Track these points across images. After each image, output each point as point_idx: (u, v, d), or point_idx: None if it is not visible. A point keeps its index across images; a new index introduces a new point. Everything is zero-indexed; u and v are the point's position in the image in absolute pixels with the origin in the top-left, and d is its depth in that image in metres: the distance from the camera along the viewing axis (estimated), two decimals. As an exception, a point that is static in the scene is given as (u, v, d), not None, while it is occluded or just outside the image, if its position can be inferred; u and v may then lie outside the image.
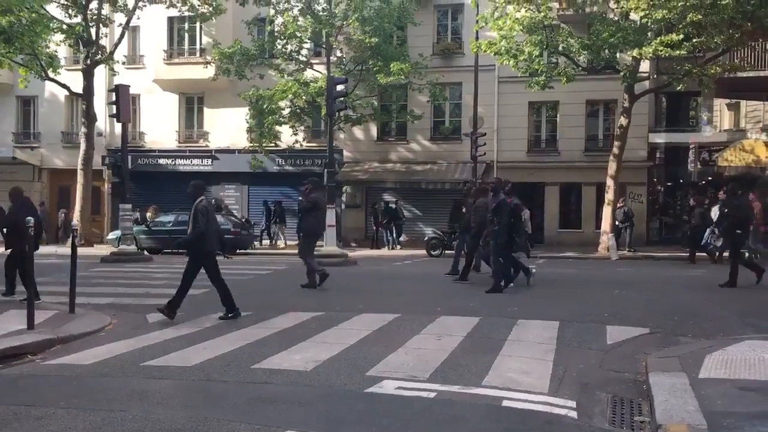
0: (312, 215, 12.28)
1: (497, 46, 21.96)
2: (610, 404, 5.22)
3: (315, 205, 12.24)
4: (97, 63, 25.72)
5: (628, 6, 20.35)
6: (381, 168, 27.88)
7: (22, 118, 31.89)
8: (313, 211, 12.27)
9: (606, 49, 21.83)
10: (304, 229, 12.40)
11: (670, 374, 5.61)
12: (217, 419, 4.59)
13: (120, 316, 9.17)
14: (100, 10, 25.41)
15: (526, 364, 6.30)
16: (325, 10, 25.99)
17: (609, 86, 24.69)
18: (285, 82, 25.67)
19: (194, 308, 9.80)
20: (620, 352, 7.03)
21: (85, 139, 25.82)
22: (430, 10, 27.98)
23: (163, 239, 23.90)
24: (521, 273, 12.81)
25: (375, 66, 25.20)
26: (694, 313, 9.43)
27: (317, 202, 12.34)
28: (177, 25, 29.37)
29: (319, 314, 9.09)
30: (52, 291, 10.57)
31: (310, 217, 12.29)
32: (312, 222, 12.34)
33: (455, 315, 9.06)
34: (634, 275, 15.45)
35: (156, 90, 29.84)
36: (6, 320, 8.41)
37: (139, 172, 28.47)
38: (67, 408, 4.85)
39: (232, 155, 29.23)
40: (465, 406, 5.03)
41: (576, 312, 9.43)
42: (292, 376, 5.84)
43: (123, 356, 6.68)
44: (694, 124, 27.24)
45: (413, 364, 6.24)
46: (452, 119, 28.39)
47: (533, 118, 27.75)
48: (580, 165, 26.26)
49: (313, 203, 12.20)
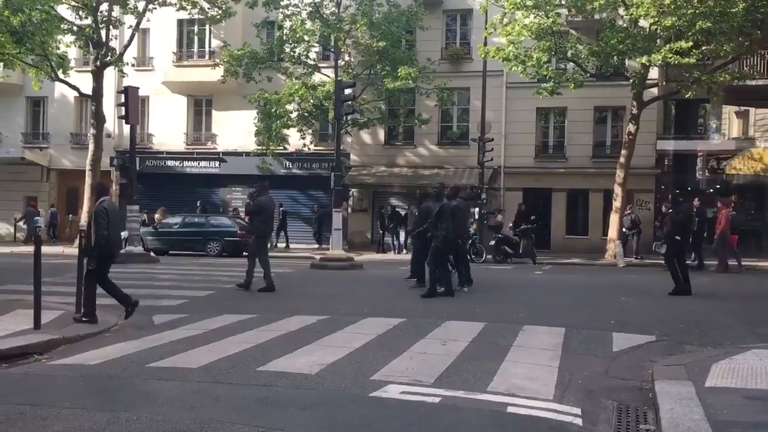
0: (260, 218, 12.59)
1: (505, 52, 21.98)
2: (615, 412, 5.19)
3: (261, 209, 12.53)
4: (106, 65, 25.83)
5: (638, 13, 20.32)
6: (388, 172, 27.89)
7: (32, 119, 32.05)
8: (260, 215, 12.57)
9: (615, 55, 21.81)
10: (258, 233, 12.71)
11: (676, 382, 5.59)
12: (222, 421, 4.59)
13: (126, 317, 9.18)
14: (111, 11, 25.52)
15: (532, 371, 6.29)
16: (334, 14, 26.06)
17: (617, 93, 24.64)
18: (292, 85, 25.73)
19: (199, 310, 9.83)
20: (626, 360, 7.00)
21: (94, 141, 25.92)
22: (439, 15, 28.00)
23: (169, 241, 24.00)
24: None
25: (383, 70, 25.23)
26: (700, 321, 9.39)
27: (263, 205, 12.59)
28: (186, 27, 29.48)
29: (325, 318, 9.10)
30: (59, 291, 10.61)
31: (258, 220, 12.61)
32: (261, 224, 12.64)
33: (461, 320, 9.04)
34: (640, 282, 15.39)
35: (165, 92, 29.95)
36: (12, 320, 8.44)
37: (146, 173, 28.59)
38: (72, 408, 4.86)
39: (239, 158, 29.30)
40: (470, 411, 5.02)
41: (582, 319, 9.41)
42: (297, 379, 5.84)
43: (128, 357, 6.69)
44: (703, 132, 27.16)
45: (418, 368, 6.23)
46: (460, 124, 28.38)
47: (541, 124, 27.72)
48: (587, 171, 26.21)
49: (260, 206, 12.50)
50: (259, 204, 12.52)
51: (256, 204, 12.55)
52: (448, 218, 11.78)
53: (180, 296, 11.43)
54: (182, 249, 23.69)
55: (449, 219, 11.79)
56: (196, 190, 29.35)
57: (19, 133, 31.58)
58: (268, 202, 12.90)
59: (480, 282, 13.75)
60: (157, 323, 8.93)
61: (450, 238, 11.86)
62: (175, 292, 12.02)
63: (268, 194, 12.99)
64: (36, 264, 8.07)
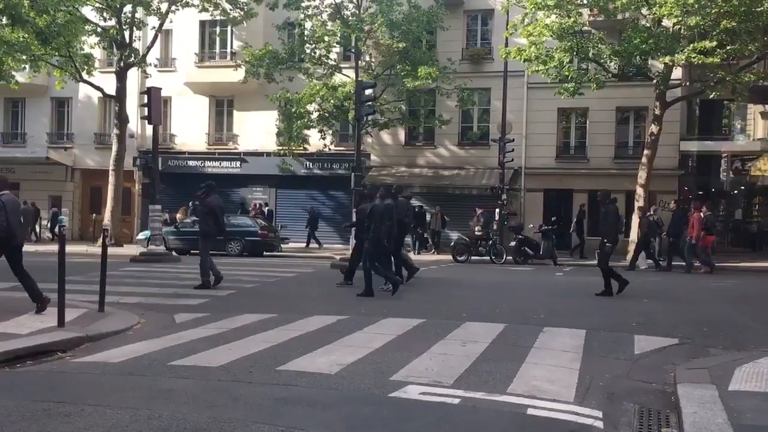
0: (210, 218, 12.74)
1: (527, 53, 21.87)
2: (637, 415, 5.14)
3: (211, 209, 12.70)
4: (130, 66, 26.12)
5: (661, 12, 20.13)
6: (408, 172, 27.89)
7: (56, 119, 32.49)
8: (210, 215, 12.72)
9: (637, 55, 21.62)
10: (203, 232, 12.94)
11: (700, 386, 5.52)
12: (242, 420, 4.61)
13: (148, 316, 9.26)
14: (134, 13, 25.81)
15: (552, 373, 6.24)
16: (354, 15, 26.10)
17: (640, 93, 24.43)
18: (313, 86, 25.81)
19: (220, 310, 9.89)
20: (648, 363, 6.93)
21: (117, 141, 26.21)
22: (460, 15, 27.94)
23: (191, 240, 24.16)
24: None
25: (403, 70, 25.23)
26: (724, 324, 9.28)
27: (213, 206, 12.75)
28: (209, 28, 29.72)
29: (344, 318, 9.11)
30: (83, 290, 10.73)
31: (208, 220, 12.76)
32: (211, 225, 12.77)
33: (480, 321, 9.01)
34: (663, 284, 15.25)
35: (187, 93, 30.20)
36: (37, 317, 8.56)
37: (168, 173, 28.84)
38: (95, 405, 4.91)
39: (260, 158, 29.46)
40: (489, 413, 5.00)
41: (603, 321, 9.33)
42: (317, 378, 5.85)
43: (150, 355, 6.75)
44: (727, 133, 26.83)
45: (438, 369, 6.22)
46: (480, 125, 28.31)
47: (562, 125, 27.55)
48: (609, 172, 25.98)
49: (209, 207, 12.69)
50: (209, 205, 12.73)
51: (206, 205, 12.75)
52: (375, 219, 11.87)
53: (201, 295, 11.52)
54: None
55: (376, 219, 11.86)
56: (217, 190, 29.45)
57: (44, 134, 32.01)
58: (218, 203, 13.11)
59: (500, 283, 13.71)
60: (178, 322, 8.99)
61: (375, 238, 11.88)
62: (196, 291, 12.11)
63: (216, 195, 13.22)
64: (60, 263, 8.17)
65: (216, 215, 12.82)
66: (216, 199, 13.06)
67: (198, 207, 13.12)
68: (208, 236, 12.98)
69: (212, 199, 12.89)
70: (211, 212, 12.70)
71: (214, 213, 12.73)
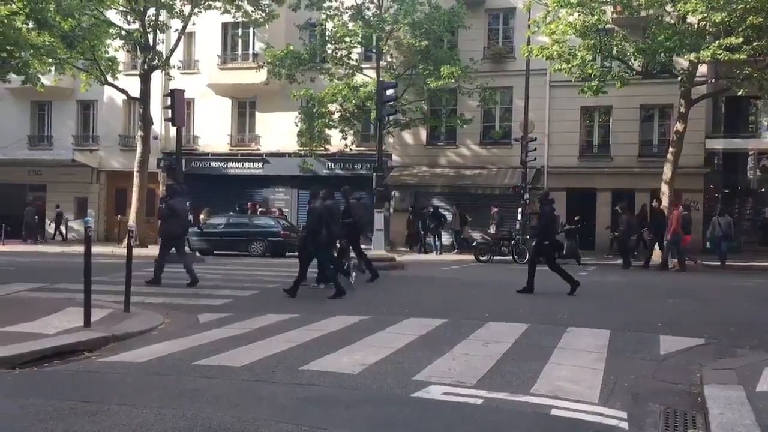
0: (173, 221, 12.94)
1: (549, 51, 21.72)
2: (662, 416, 5.08)
3: (174, 212, 12.91)
4: (153, 68, 26.36)
5: (686, 9, 19.89)
6: (430, 172, 27.85)
7: (82, 122, 32.94)
8: (173, 217, 12.92)
9: (662, 53, 21.36)
10: (165, 233, 13.24)
11: (727, 387, 5.45)
12: (265, 419, 4.64)
13: (172, 316, 9.34)
14: (158, 16, 26.04)
15: (576, 373, 6.20)
16: (376, 15, 26.12)
17: (665, 91, 24.16)
18: (335, 86, 25.87)
19: (243, 310, 9.95)
20: (674, 363, 6.85)
21: (142, 142, 26.47)
22: (482, 14, 27.84)
23: (214, 241, 24.33)
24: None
25: (425, 70, 25.20)
26: (752, 324, 9.14)
27: (175, 209, 12.94)
28: (231, 30, 29.93)
29: (366, 318, 9.12)
30: (109, 290, 10.86)
31: (171, 222, 12.97)
32: (173, 227, 13.00)
33: (503, 321, 8.97)
34: (689, 284, 15.06)
35: (210, 94, 30.43)
36: (64, 317, 8.67)
37: (192, 174, 29.05)
38: (120, 404, 4.96)
39: (282, 159, 29.60)
40: (512, 413, 4.97)
41: (628, 321, 9.24)
42: (340, 378, 5.86)
43: (175, 355, 6.81)
44: (754, 130, 26.41)
45: (460, 369, 6.20)
46: (502, 124, 28.19)
47: (585, 123, 27.34)
48: (633, 171, 25.76)
49: (172, 210, 12.90)
50: (171, 206, 12.96)
51: (169, 206, 12.99)
52: (313, 220, 12.07)
53: (224, 296, 11.60)
54: (226, 249, 24.01)
55: (315, 220, 12.03)
56: (240, 190, 29.80)
57: (70, 136, 32.46)
58: (181, 205, 13.28)
59: (521, 283, 13.60)
60: (202, 322, 9.06)
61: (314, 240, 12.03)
62: (219, 291, 12.20)
63: (180, 197, 13.46)
64: (86, 264, 8.26)
65: (179, 217, 13.07)
66: (180, 202, 13.34)
67: (162, 210, 13.43)
68: (170, 238, 13.21)
69: (175, 201, 13.19)
70: (173, 214, 12.96)
71: (176, 215, 12.98)
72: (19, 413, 4.76)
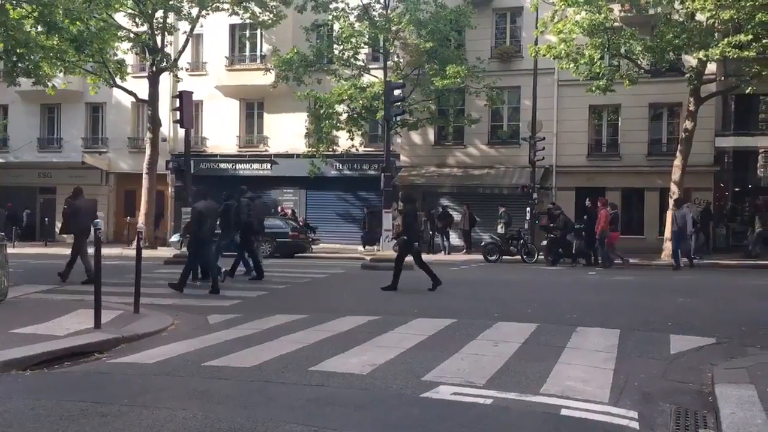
0: (78, 219, 13.45)
1: (557, 50, 21.66)
2: (673, 416, 5.06)
3: (77, 210, 13.47)
4: (162, 70, 26.46)
5: (694, 6, 19.81)
6: (438, 172, 27.83)
7: (91, 124, 33.11)
8: (77, 215, 13.49)
9: (670, 51, 21.29)
10: (74, 231, 13.73)
11: (738, 386, 5.42)
12: (275, 420, 4.65)
13: (182, 317, 9.38)
14: (166, 18, 26.14)
15: (586, 373, 6.18)
16: (382, 16, 26.12)
17: (673, 89, 24.06)
18: (342, 86, 25.88)
19: (252, 311, 9.97)
20: (684, 362, 6.81)
21: (150, 144, 26.57)
22: (489, 13, 27.80)
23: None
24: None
25: (431, 70, 25.18)
26: (763, 323, 9.09)
27: (79, 208, 13.53)
28: (238, 32, 30.01)
29: (375, 318, 9.12)
30: (118, 292, 10.90)
31: (76, 221, 13.51)
32: (80, 224, 13.37)
33: (512, 321, 8.95)
34: (699, 283, 14.99)
35: (218, 96, 30.51)
36: (75, 319, 8.72)
37: (201, 176, 29.05)
38: (131, 405, 4.98)
39: (290, 160, 29.64)
40: (522, 413, 4.96)
41: (638, 320, 9.21)
42: (349, 379, 5.87)
43: (185, 356, 6.83)
44: (764, 128, 26.25)
45: (469, 370, 6.19)
46: (510, 123, 28.13)
47: (594, 122, 27.26)
48: (642, 170, 25.66)
49: (75, 209, 13.53)
50: (74, 206, 13.58)
51: (72, 206, 13.63)
52: (194, 219, 12.73)
53: (233, 297, 11.63)
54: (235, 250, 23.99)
55: (194, 220, 12.68)
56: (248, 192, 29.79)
57: (80, 138, 32.64)
58: (84, 204, 13.81)
59: (532, 283, 13.62)
60: (211, 323, 9.09)
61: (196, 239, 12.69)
62: (228, 292, 12.23)
63: (83, 197, 14.06)
64: (96, 265, 8.30)
65: (80, 215, 13.51)
66: (83, 201, 13.92)
67: (65, 210, 14.15)
68: (79, 235, 13.68)
69: (79, 201, 13.75)
70: (75, 213, 13.52)
71: (78, 213, 13.50)
72: (30, 414, 4.79)
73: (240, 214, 14.59)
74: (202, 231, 12.55)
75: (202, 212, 12.59)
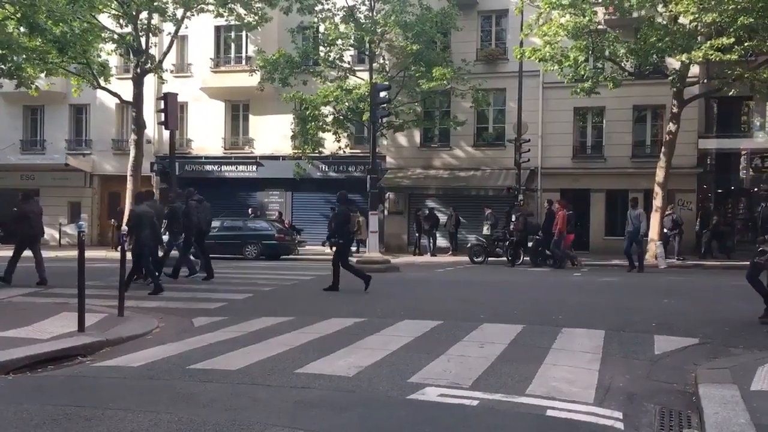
0: (25, 222, 13.62)
1: (541, 53, 21.76)
2: (657, 416, 5.10)
3: (24, 215, 13.70)
4: (146, 72, 26.31)
5: (677, 10, 19.97)
6: (424, 174, 27.87)
7: (75, 126, 32.83)
8: (23, 219, 13.66)
9: (654, 53, 21.47)
10: (20, 234, 13.87)
11: (721, 386, 5.47)
12: (261, 422, 4.63)
13: (167, 320, 9.33)
14: (150, 20, 25.99)
15: (571, 374, 6.21)
16: (368, 18, 26.12)
17: (657, 91, 24.26)
18: (327, 88, 25.86)
19: (238, 313, 9.93)
20: (668, 363, 6.87)
21: (135, 146, 26.41)
22: (474, 16, 27.90)
23: (208, 244, 24.21)
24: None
25: (417, 72, 25.21)
26: (746, 324, 9.18)
27: (26, 212, 13.71)
28: (224, 34, 29.91)
29: (362, 320, 9.11)
30: (102, 294, 10.82)
31: (24, 224, 13.67)
32: (26, 228, 13.62)
33: (498, 322, 8.98)
34: (683, 284, 15.11)
35: (203, 98, 30.40)
36: (58, 322, 8.64)
37: (186, 178, 29.01)
38: (115, 409, 4.95)
39: (276, 161, 29.59)
40: (508, 415, 4.98)
41: (622, 321, 9.26)
42: (335, 381, 5.86)
43: (170, 359, 6.79)
44: (746, 130, 26.52)
45: (456, 371, 6.20)
46: (496, 125, 28.21)
47: (579, 124, 27.42)
48: (626, 171, 25.84)
49: (23, 213, 13.71)
50: (22, 210, 13.76)
51: (20, 210, 13.81)
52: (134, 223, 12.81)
53: (219, 299, 11.58)
54: (220, 252, 23.93)
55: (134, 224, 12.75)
56: (234, 193, 29.78)
57: (63, 140, 32.35)
58: (31, 208, 13.99)
59: (517, 284, 13.67)
60: (197, 326, 9.05)
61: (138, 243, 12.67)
62: (214, 295, 12.18)
63: (33, 201, 14.41)
64: (80, 268, 8.24)
65: (29, 219, 13.67)
66: (33, 204, 14.23)
67: (15, 213, 14.10)
68: (28, 237, 13.73)
69: (29, 204, 14.01)
70: (24, 217, 13.63)
71: (27, 217, 13.63)
72: (13, 418, 4.74)
73: (191, 216, 14.71)
74: (140, 234, 12.60)
75: (140, 216, 12.75)
